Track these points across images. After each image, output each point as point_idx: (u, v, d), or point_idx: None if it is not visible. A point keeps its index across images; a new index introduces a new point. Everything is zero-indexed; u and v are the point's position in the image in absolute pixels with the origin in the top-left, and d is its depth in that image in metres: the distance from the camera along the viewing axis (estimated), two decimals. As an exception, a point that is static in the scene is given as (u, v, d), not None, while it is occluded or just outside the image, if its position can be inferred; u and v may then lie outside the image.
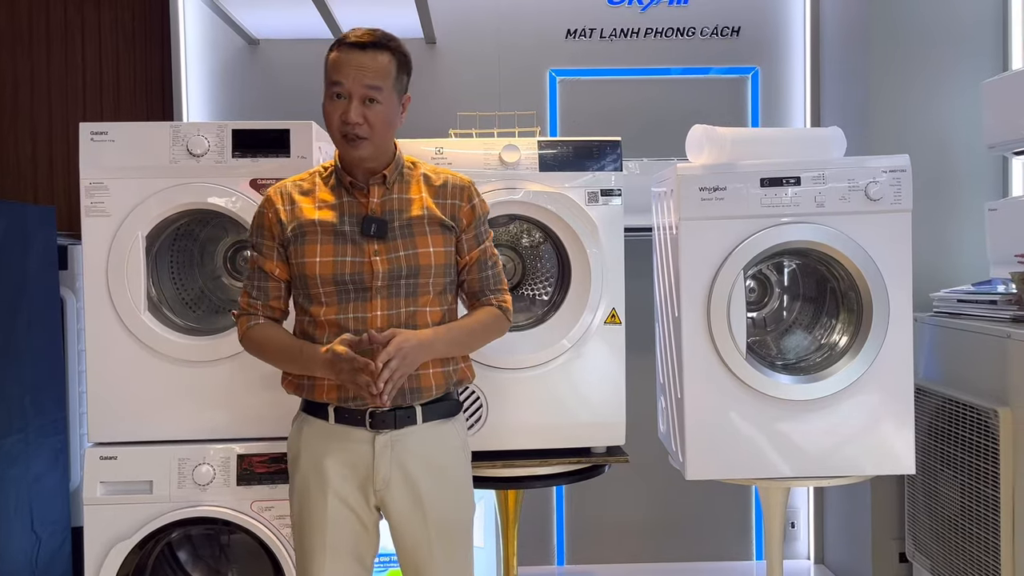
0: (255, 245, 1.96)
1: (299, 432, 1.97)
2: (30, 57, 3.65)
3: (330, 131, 1.89)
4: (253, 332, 1.96)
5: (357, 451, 1.90)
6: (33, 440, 2.97)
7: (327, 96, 1.88)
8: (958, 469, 2.66)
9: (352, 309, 1.88)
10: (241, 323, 1.98)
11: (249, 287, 1.97)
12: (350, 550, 1.91)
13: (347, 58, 1.86)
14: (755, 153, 2.43)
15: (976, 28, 3.13)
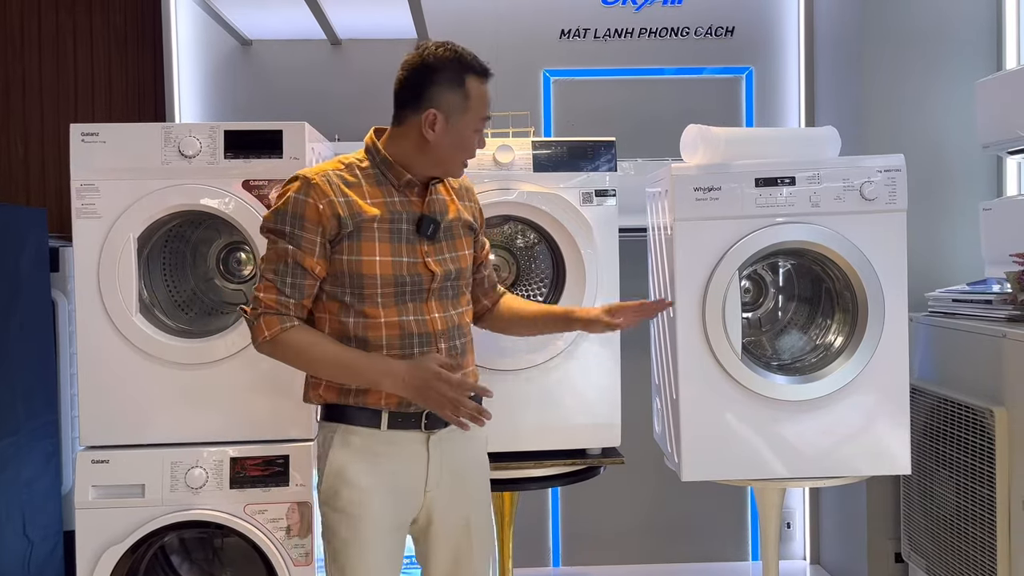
0: (291, 236, 1.78)
1: (343, 448, 1.84)
2: (22, 59, 3.63)
3: (460, 158, 1.89)
4: (291, 336, 1.79)
5: (413, 454, 1.86)
6: (24, 444, 2.95)
7: (473, 127, 1.86)
8: (954, 469, 2.65)
9: (412, 311, 1.84)
10: (268, 323, 1.78)
11: (279, 283, 1.79)
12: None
13: (490, 91, 1.89)
14: (750, 153, 2.43)
15: (970, 28, 3.13)
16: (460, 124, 1.84)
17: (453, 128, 1.84)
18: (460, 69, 1.83)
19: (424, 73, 1.83)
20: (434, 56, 1.83)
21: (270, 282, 1.80)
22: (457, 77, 1.83)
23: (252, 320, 1.81)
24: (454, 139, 1.85)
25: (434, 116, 1.82)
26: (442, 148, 1.85)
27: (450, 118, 1.83)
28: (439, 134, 1.83)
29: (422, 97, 1.83)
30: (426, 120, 1.82)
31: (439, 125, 1.83)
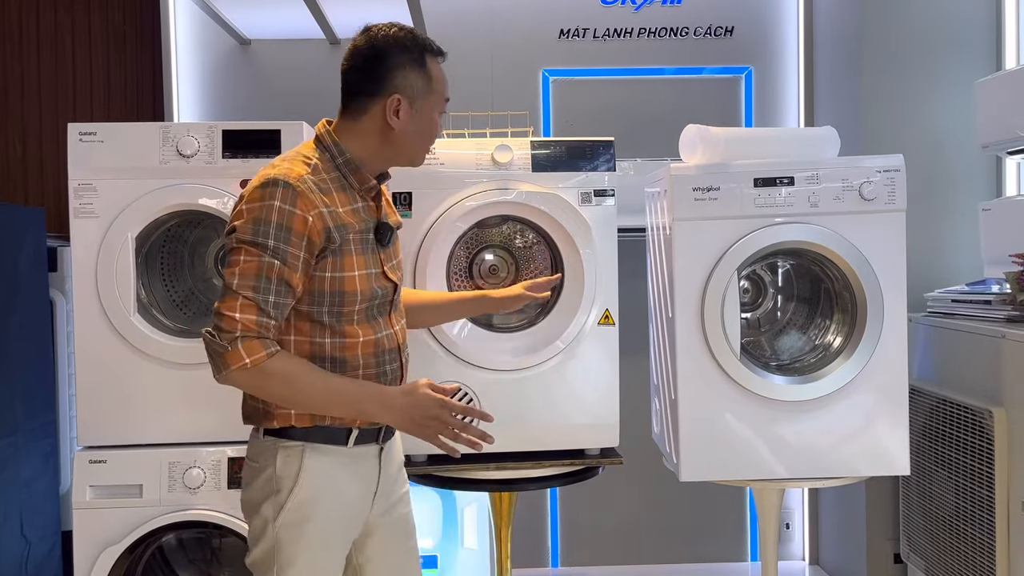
0: (274, 250, 1.58)
1: (314, 470, 1.68)
2: (20, 58, 3.63)
3: (426, 143, 1.79)
4: (276, 364, 1.58)
5: (369, 468, 1.78)
6: (22, 444, 2.95)
7: (437, 109, 1.77)
8: (952, 470, 2.65)
9: (382, 326, 1.75)
10: (250, 348, 1.55)
11: (260, 301, 1.57)
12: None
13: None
14: (749, 153, 2.42)
15: (969, 28, 3.13)
16: (425, 108, 1.73)
17: (418, 113, 1.72)
18: (419, 49, 1.73)
19: (382, 57, 1.70)
20: (390, 38, 1.72)
21: (249, 300, 1.56)
22: (418, 58, 1.72)
23: (225, 346, 1.55)
24: (419, 125, 1.73)
25: (398, 101, 1.69)
26: (407, 135, 1.73)
27: (415, 102, 1.71)
28: (404, 120, 1.71)
29: (383, 82, 1.70)
30: (390, 106, 1.70)
31: (403, 111, 1.70)
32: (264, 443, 1.71)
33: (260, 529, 1.70)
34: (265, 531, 1.69)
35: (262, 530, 1.69)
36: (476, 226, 2.42)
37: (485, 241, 2.54)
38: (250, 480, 1.72)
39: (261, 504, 1.69)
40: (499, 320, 2.49)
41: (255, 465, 1.72)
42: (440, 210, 2.32)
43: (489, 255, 2.54)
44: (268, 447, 1.70)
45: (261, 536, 1.70)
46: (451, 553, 3.05)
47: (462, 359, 2.35)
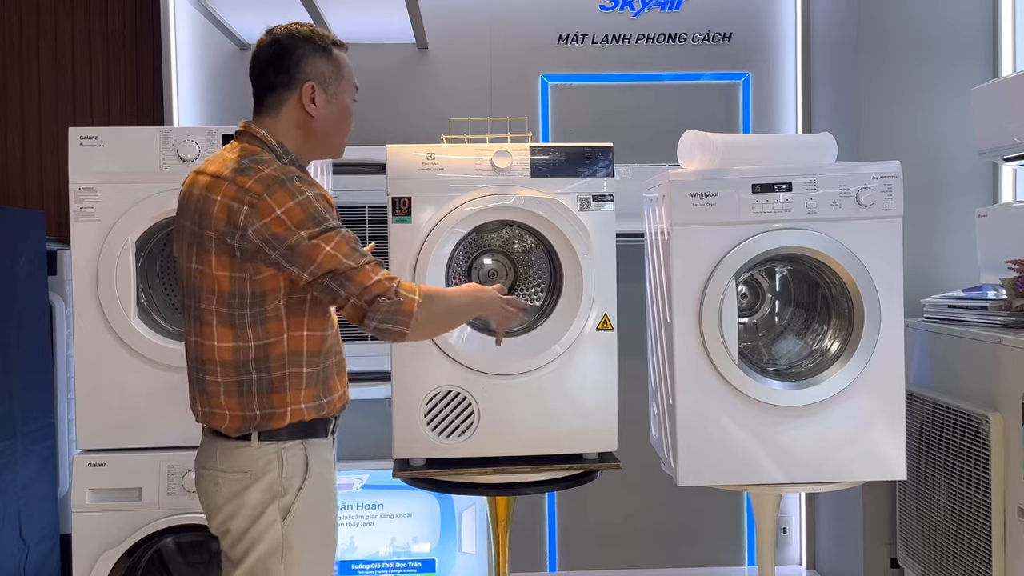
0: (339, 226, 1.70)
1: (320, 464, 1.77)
2: (20, 62, 3.64)
3: (344, 131, 1.86)
4: (427, 288, 1.76)
5: (332, 456, 1.87)
6: (21, 447, 2.95)
7: (349, 95, 1.85)
8: (949, 474, 2.66)
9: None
10: (407, 286, 1.71)
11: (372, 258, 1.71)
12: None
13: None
14: (747, 159, 2.43)
15: (966, 35, 3.14)
16: (338, 94, 1.82)
17: (333, 98, 1.81)
18: (322, 39, 1.81)
19: (289, 51, 1.77)
20: (292, 32, 1.80)
21: (369, 262, 1.70)
22: (322, 47, 1.80)
23: (395, 300, 1.68)
24: (335, 110, 1.81)
25: (312, 88, 1.77)
26: (326, 121, 1.80)
27: (327, 88, 1.80)
28: (321, 106, 1.78)
29: (293, 73, 1.77)
30: (306, 94, 1.77)
31: (319, 97, 1.78)
32: (259, 450, 1.72)
33: (260, 533, 1.71)
34: (267, 533, 1.72)
35: (263, 533, 1.71)
36: (475, 231, 2.43)
37: (484, 246, 2.55)
38: (239, 491, 1.72)
39: (263, 510, 1.71)
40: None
41: (244, 475, 1.72)
42: (439, 215, 2.33)
43: (488, 260, 2.55)
44: (265, 453, 1.72)
45: (260, 538, 1.71)
46: (449, 557, 3.06)
47: (460, 363, 2.36)
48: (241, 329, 1.69)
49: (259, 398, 1.72)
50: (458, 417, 2.38)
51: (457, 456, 2.38)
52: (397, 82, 3.50)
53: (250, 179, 1.66)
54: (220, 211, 1.66)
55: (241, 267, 1.67)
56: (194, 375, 1.78)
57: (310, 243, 1.64)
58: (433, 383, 2.35)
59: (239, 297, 1.69)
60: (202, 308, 1.71)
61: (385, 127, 3.39)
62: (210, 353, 1.72)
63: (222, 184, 1.68)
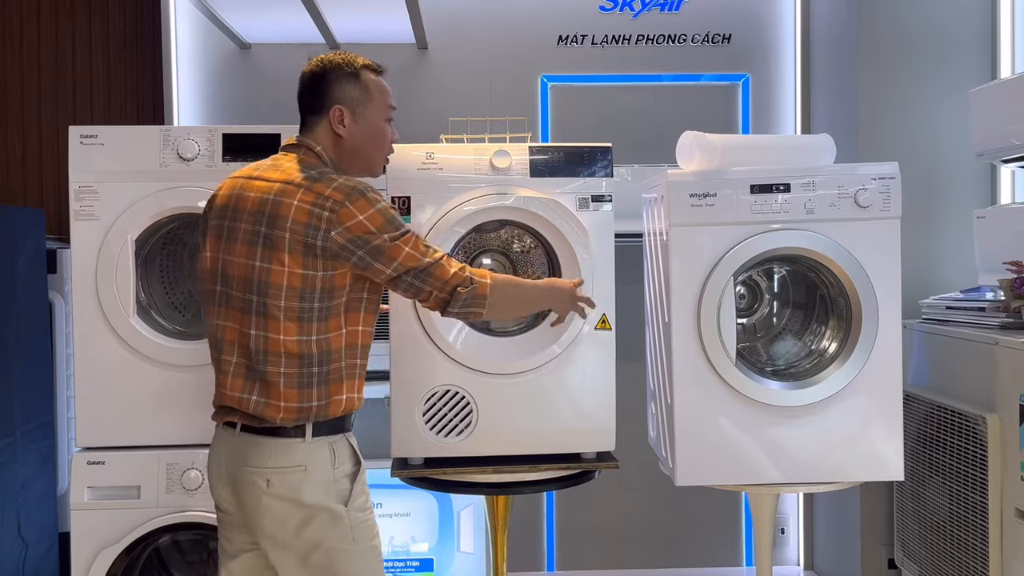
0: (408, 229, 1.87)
1: (356, 452, 1.93)
2: (21, 61, 3.64)
3: (379, 150, 1.99)
4: (496, 275, 1.96)
5: None
6: (21, 445, 2.95)
7: (384, 118, 1.99)
8: (946, 475, 2.66)
9: None
10: (480, 272, 1.93)
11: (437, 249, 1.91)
12: None
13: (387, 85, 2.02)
14: (745, 160, 2.44)
15: (965, 37, 3.15)
16: (368, 114, 1.95)
17: (362, 119, 1.94)
18: (352, 65, 1.95)
19: (320, 78, 1.94)
20: (325, 61, 1.95)
21: (441, 256, 1.89)
22: (352, 72, 1.94)
23: (469, 287, 1.89)
24: (366, 130, 1.95)
25: (340, 111, 1.92)
26: (357, 141, 1.94)
27: (355, 110, 1.94)
28: (349, 127, 1.93)
29: (324, 98, 1.93)
30: (333, 117, 1.92)
31: (347, 118, 1.93)
32: (314, 444, 1.84)
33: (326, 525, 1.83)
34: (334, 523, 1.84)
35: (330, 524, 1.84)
36: (474, 231, 2.43)
37: (483, 246, 2.55)
38: (296, 485, 1.82)
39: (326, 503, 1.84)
40: (496, 324, 2.50)
41: (300, 469, 1.83)
42: (438, 214, 2.33)
43: (487, 260, 2.55)
44: (319, 446, 1.85)
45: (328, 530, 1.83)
46: (447, 557, 3.06)
47: (459, 362, 2.36)
48: (307, 323, 1.82)
49: (318, 390, 1.84)
50: (456, 416, 2.38)
51: (455, 455, 2.39)
52: (397, 82, 3.48)
53: (327, 187, 1.81)
54: (298, 214, 1.79)
55: (315, 265, 1.80)
56: (249, 367, 1.85)
57: (391, 244, 1.82)
58: (432, 382, 2.35)
59: (309, 292, 1.81)
60: (268, 303, 1.81)
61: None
62: (275, 346, 1.82)
63: (296, 190, 1.82)
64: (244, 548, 1.93)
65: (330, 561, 1.84)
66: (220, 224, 1.88)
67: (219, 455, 1.91)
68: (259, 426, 1.84)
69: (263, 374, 1.82)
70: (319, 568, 1.84)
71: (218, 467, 1.91)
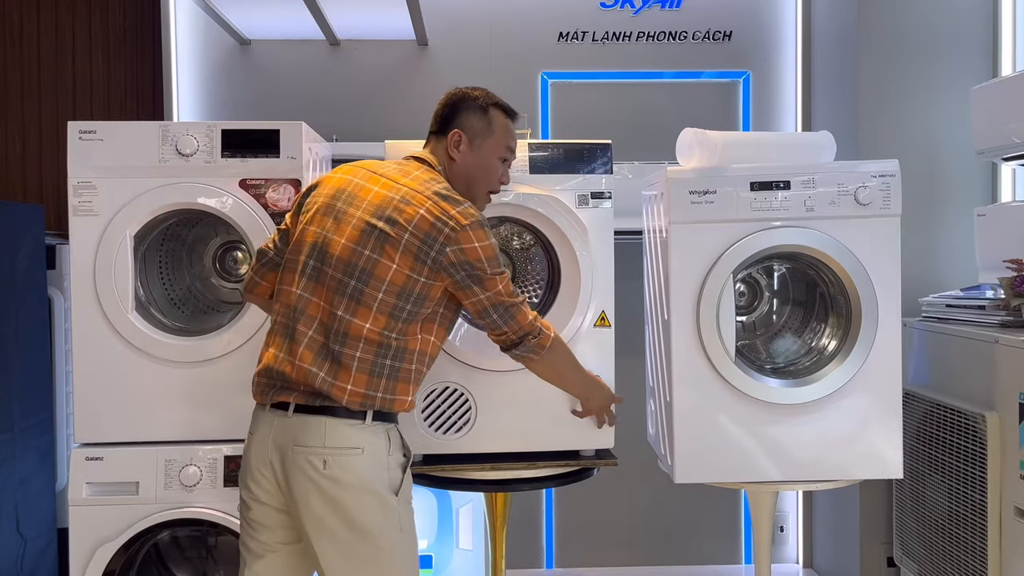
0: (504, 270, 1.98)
1: (404, 442, 1.98)
2: (20, 56, 3.64)
3: (483, 183, 2.08)
4: (558, 334, 2.08)
5: None
6: (19, 441, 2.95)
7: (497, 156, 2.08)
8: (946, 474, 2.66)
9: None
10: (546, 325, 2.04)
11: (525, 301, 2.02)
12: None
13: (515, 131, 2.12)
14: (745, 157, 2.44)
15: (966, 34, 3.14)
16: (484, 148, 2.05)
17: (477, 150, 2.05)
18: (486, 100, 2.07)
19: (452, 105, 2.06)
20: (462, 91, 2.07)
21: (523, 302, 2.01)
22: (482, 105, 2.06)
23: (536, 336, 2.01)
24: (479, 160, 2.05)
25: (459, 136, 2.03)
26: (466, 168, 2.04)
27: (473, 140, 2.04)
28: (464, 154, 2.04)
29: (449, 122, 2.05)
30: (451, 139, 2.03)
31: (463, 145, 2.03)
32: (374, 427, 1.89)
33: (377, 508, 1.86)
34: (386, 508, 1.87)
35: (381, 508, 1.86)
36: (473, 227, 2.43)
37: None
38: (354, 467, 1.85)
39: (379, 488, 1.87)
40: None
41: (357, 451, 1.86)
42: (438, 211, 2.33)
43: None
44: (376, 431, 1.89)
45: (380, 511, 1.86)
46: (446, 553, 3.06)
47: (459, 359, 2.36)
48: (396, 320, 1.89)
49: (387, 382, 1.89)
50: (455, 413, 2.38)
51: (454, 452, 2.39)
52: (397, 78, 3.50)
53: (454, 208, 1.90)
54: (422, 222, 1.87)
55: (420, 271, 1.88)
56: (325, 345, 1.88)
57: (491, 277, 1.93)
58: (431, 379, 2.35)
59: (407, 293, 1.88)
60: (365, 291, 1.87)
61: (385, 123, 3.40)
62: (358, 330, 1.87)
63: (424, 200, 1.90)
64: (271, 547, 1.92)
65: (376, 550, 1.84)
66: (333, 204, 1.95)
67: (264, 437, 1.89)
68: (318, 405, 1.86)
69: (338, 355, 1.86)
70: (363, 556, 1.84)
71: (262, 450, 1.89)
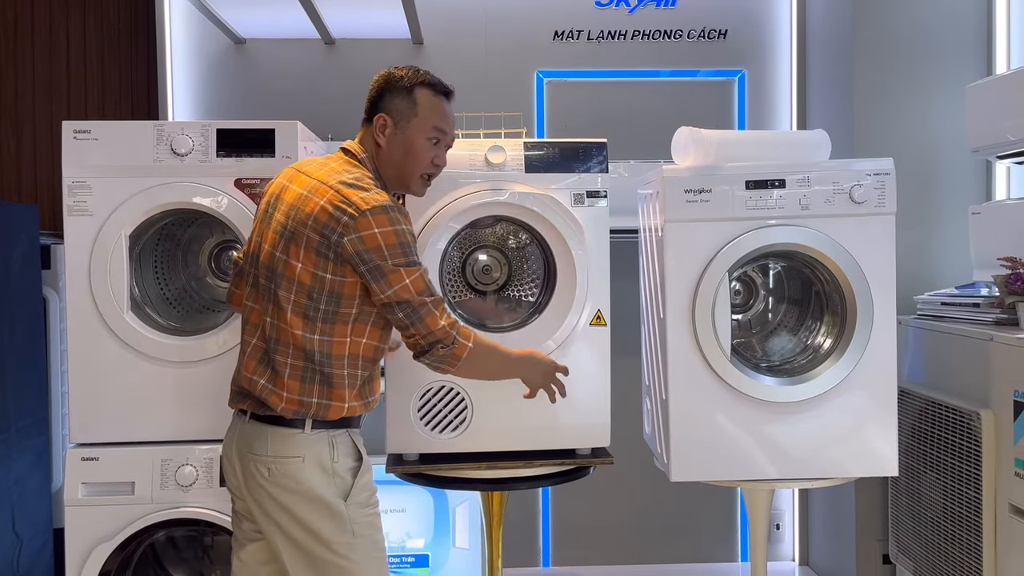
0: (419, 261, 1.87)
1: (361, 453, 1.94)
2: (14, 55, 3.63)
3: (413, 167, 1.98)
4: (480, 338, 1.93)
5: None
6: (15, 441, 2.95)
7: (426, 137, 1.97)
8: (941, 471, 2.67)
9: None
10: (465, 333, 1.90)
11: (440, 299, 1.89)
12: None
13: (449, 108, 2.02)
14: (740, 155, 2.44)
15: (961, 32, 3.15)
16: (409, 130, 1.95)
17: (402, 133, 1.95)
18: (412, 80, 1.97)
19: (378, 88, 1.98)
20: (388, 73, 1.99)
21: (438, 303, 1.87)
22: (407, 86, 1.96)
23: (450, 346, 1.87)
24: (403, 143, 1.95)
25: (384, 120, 1.94)
26: (392, 154, 1.96)
27: (398, 123, 1.95)
28: (388, 139, 1.95)
29: (375, 107, 1.97)
30: (376, 124, 1.95)
31: (388, 129, 1.95)
32: (313, 436, 1.86)
33: (326, 514, 1.85)
34: (335, 514, 1.86)
35: (330, 514, 1.85)
36: (469, 226, 2.43)
37: (478, 241, 2.55)
38: (293, 474, 1.85)
39: (322, 494, 1.85)
40: (491, 320, 2.50)
41: (297, 460, 1.85)
42: (433, 210, 2.33)
43: (482, 255, 2.55)
44: (318, 439, 1.86)
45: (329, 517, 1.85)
46: (443, 552, 3.06)
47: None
48: (312, 322, 1.84)
49: (319, 389, 1.85)
50: (451, 412, 2.38)
51: (451, 451, 2.39)
52: (392, 77, 3.49)
53: (356, 194, 1.82)
54: (320, 214, 1.81)
55: (326, 267, 1.81)
56: (264, 351, 1.89)
57: (394, 270, 1.81)
58: (427, 378, 2.35)
59: (317, 292, 1.83)
60: (279, 293, 1.85)
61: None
62: (285, 335, 1.85)
63: (326, 191, 1.83)
64: (252, 537, 1.95)
65: (330, 553, 1.85)
66: (266, 210, 1.94)
67: (231, 440, 1.95)
68: (264, 414, 1.87)
69: (274, 362, 1.86)
70: (319, 559, 1.86)
71: (229, 453, 1.95)
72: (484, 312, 2.51)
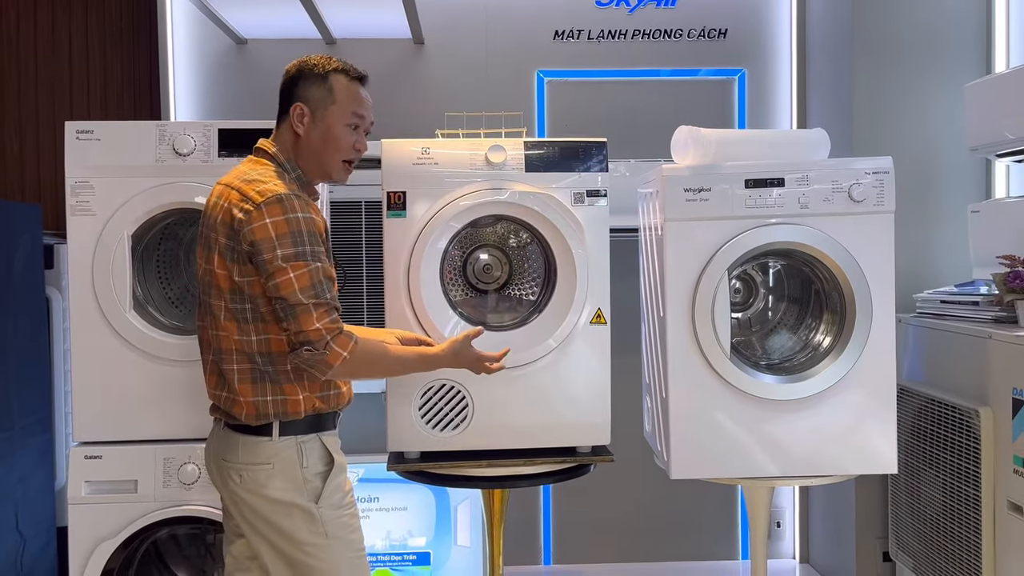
0: (312, 254, 1.79)
1: (334, 452, 1.93)
2: (17, 56, 3.64)
3: (333, 153, 1.95)
4: (364, 348, 1.83)
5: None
6: (18, 440, 2.96)
7: (344, 123, 1.95)
8: (940, 469, 2.68)
9: None
10: (342, 343, 1.79)
11: (326, 302, 1.79)
12: None
13: (364, 93, 2.00)
14: (740, 154, 2.45)
15: (959, 31, 3.15)
16: (327, 117, 1.93)
17: (320, 121, 1.93)
18: (326, 67, 1.95)
19: (293, 77, 1.96)
20: (301, 62, 1.97)
21: (320, 304, 1.78)
22: (321, 74, 1.94)
23: (323, 352, 1.77)
24: (322, 131, 1.93)
25: (301, 109, 1.92)
26: (312, 141, 1.93)
27: (316, 111, 1.93)
28: (307, 127, 1.93)
29: (290, 97, 1.95)
30: (293, 114, 1.93)
31: (306, 117, 1.92)
32: (281, 443, 1.87)
33: (298, 517, 1.86)
34: (308, 517, 1.86)
35: (302, 517, 1.86)
36: (470, 225, 2.44)
37: (479, 240, 2.56)
38: (264, 482, 1.86)
39: (293, 499, 1.86)
40: (492, 319, 2.51)
41: (267, 467, 1.86)
42: (434, 209, 2.34)
43: (483, 254, 2.56)
44: (287, 445, 1.87)
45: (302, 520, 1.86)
46: (444, 550, 3.07)
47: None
48: (244, 324, 1.84)
49: (272, 386, 1.86)
50: (452, 411, 2.39)
51: (452, 449, 2.40)
52: (393, 77, 3.50)
53: (253, 188, 1.81)
54: (225, 216, 1.81)
55: (239, 270, 1.81)
56: (216, 364, 1.89)
57: (279, 264, 1.77)
58: (428, 376, 2.36)
59: (238, 294, 1.83)
60: (212, 303, 1.86)
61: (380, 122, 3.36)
62: (227, 343, 1.85)
63: (229, 193, 1.83)
64: (238, 533, 1.98)
65: (304, 555, 1.87)
66: (200, 229, 1.94)
67: (210, 446, 1.98)
68: (233, 423, 1.89)
69: (224, 372, 1.87)
70: (294, 560, 1.88)
71: (208, 459, 1.99)
72: (485, 311, 2.52)
